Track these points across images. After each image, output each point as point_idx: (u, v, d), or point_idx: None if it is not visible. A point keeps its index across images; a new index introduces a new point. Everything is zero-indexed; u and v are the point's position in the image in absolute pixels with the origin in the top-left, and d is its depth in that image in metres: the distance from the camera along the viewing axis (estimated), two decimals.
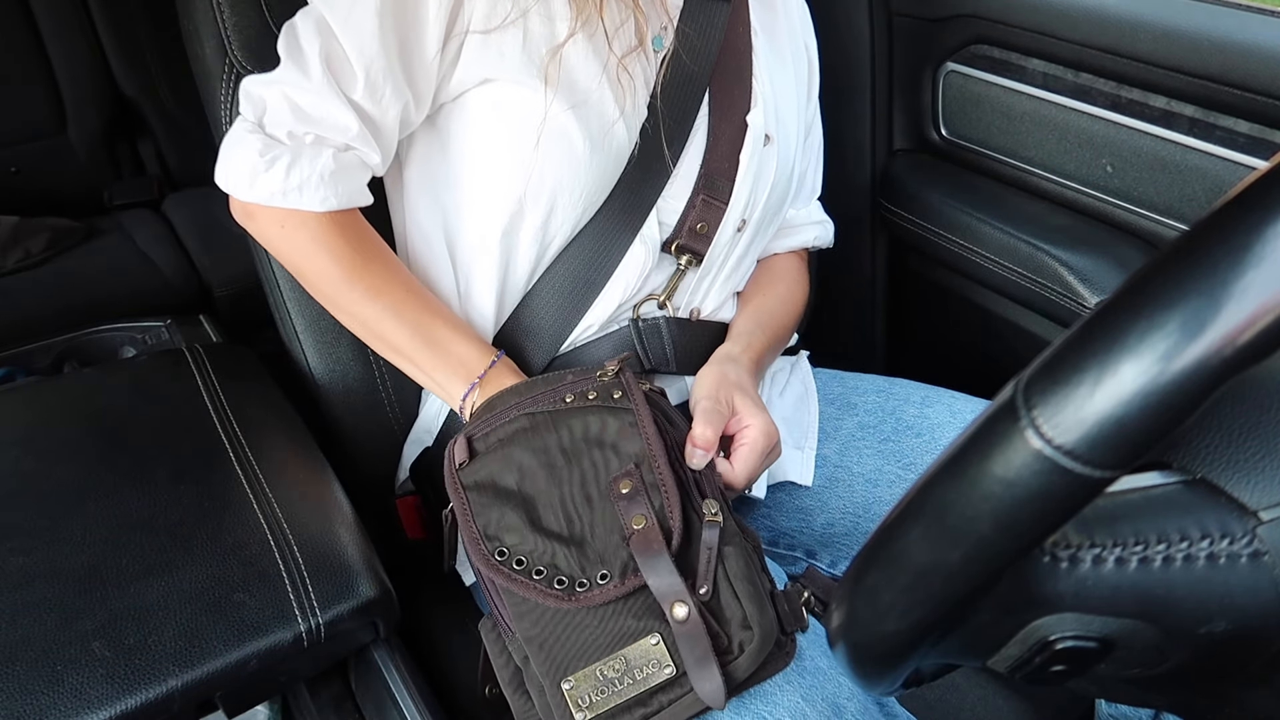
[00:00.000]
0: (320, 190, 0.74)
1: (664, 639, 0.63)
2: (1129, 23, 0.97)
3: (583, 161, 0.75)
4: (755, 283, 0.94)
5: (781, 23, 0.91)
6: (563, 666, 0.63)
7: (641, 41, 0.76)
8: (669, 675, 0.62)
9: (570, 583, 0.64)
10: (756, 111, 0.83)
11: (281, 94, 0.73)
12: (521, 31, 0.73)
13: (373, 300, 0.78)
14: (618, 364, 0.74)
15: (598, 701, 0.62)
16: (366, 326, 0.80)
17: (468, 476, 0.70)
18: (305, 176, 0.73)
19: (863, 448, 0.91)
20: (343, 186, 0.74)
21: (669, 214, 0.82)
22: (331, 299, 0.80)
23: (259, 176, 0.73)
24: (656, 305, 0.85)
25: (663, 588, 0.63)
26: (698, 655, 0.61)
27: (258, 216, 0.77)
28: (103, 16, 1.60)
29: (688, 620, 0.62)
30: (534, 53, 0.73)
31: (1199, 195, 0.96)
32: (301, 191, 0.73)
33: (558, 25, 0.73)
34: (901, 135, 1.28)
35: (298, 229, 0.76)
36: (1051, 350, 0.31)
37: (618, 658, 0.62)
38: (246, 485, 0.78)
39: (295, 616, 0.68)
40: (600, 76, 0.74)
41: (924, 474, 0.36)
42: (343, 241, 0.77)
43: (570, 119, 0.74)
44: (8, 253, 1.41)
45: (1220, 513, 0.37)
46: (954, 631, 0.39)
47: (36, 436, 0.84)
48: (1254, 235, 0.28)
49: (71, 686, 0.62)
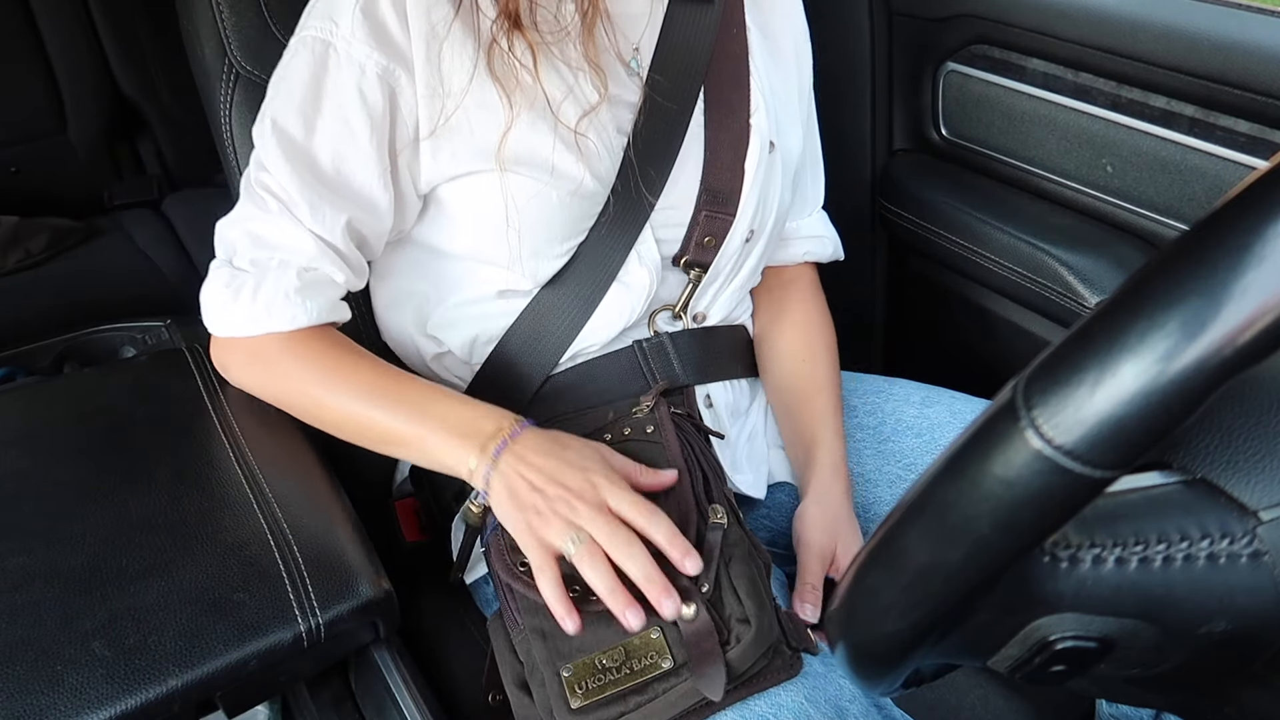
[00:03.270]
0: (288, 308, 0.73)
1: (664, 632, 0.64)
2: (1129, 23, 0.97)
3: (556, 214, 0.76)
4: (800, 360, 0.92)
5: (775, 19, 0.89)
6: (564, 655, 0.65)
7: (601, 96, 0.74)
8: (667, 667, 0.63)
9: (583, 593, 0.65)
10: (759, 116, 0.82)
11: (243, 230, 0.75)
12: (467, 127, 0.73)
13: (356, 396, 0.74)
14: (653, 398, 0.76)
15: (594, 689, 0.63)
16: (358, 425, 0.75)
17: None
18: (271, 297, 0.73)
19: (862, 448, 0.91)
20: (311, 302, 0.73)
21: (670, 231, 0.81)
22: (313, 412, 0.77)
23: (228, 308, 0.74)
24: (671, 315, 0.85)
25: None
26: (704, 649, 0.63)
27: (229, 355, 0.78)
28: (103, 16, 1.60)
29: (695, 618, 0.63)
30: (483, 144, 0.73)
31: (1199, 195, 0.96)
32: (270, 313, 0.73)
33: (499, 113, 0.73)
34: (901, 135, 1.28)
35: (271, 356, 0.75)
36: (1051, 350, 0.31)
37: (617, 649, 0.64)
38: (246, 485, 0.78)
39: (295, 616, 0.68)
40: (554, 144, 0.73)
41: (924, 474, 0.36)
42: (316, 351, 0.75)
43: (535, 187, 0.74)
44: (8, 253, 1.40)
45: (1220, 513, 0.37)
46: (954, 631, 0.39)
47: (36, 436, 0.84)
48: (1254, 235, 0.28)
49: (71, 686, 0.62)
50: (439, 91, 0.72)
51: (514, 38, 0.71)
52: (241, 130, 0.85)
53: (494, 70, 0.72)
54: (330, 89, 0.72)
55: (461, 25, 0.72)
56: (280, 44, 0.85)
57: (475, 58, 0.72)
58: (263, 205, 0.74)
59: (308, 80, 0.72)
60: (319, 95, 0.72)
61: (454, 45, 0.72)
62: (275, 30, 0.85)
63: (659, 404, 0.76)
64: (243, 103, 0.85)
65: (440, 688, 0.82)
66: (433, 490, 0.88)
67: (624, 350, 0.84)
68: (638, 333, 0.85)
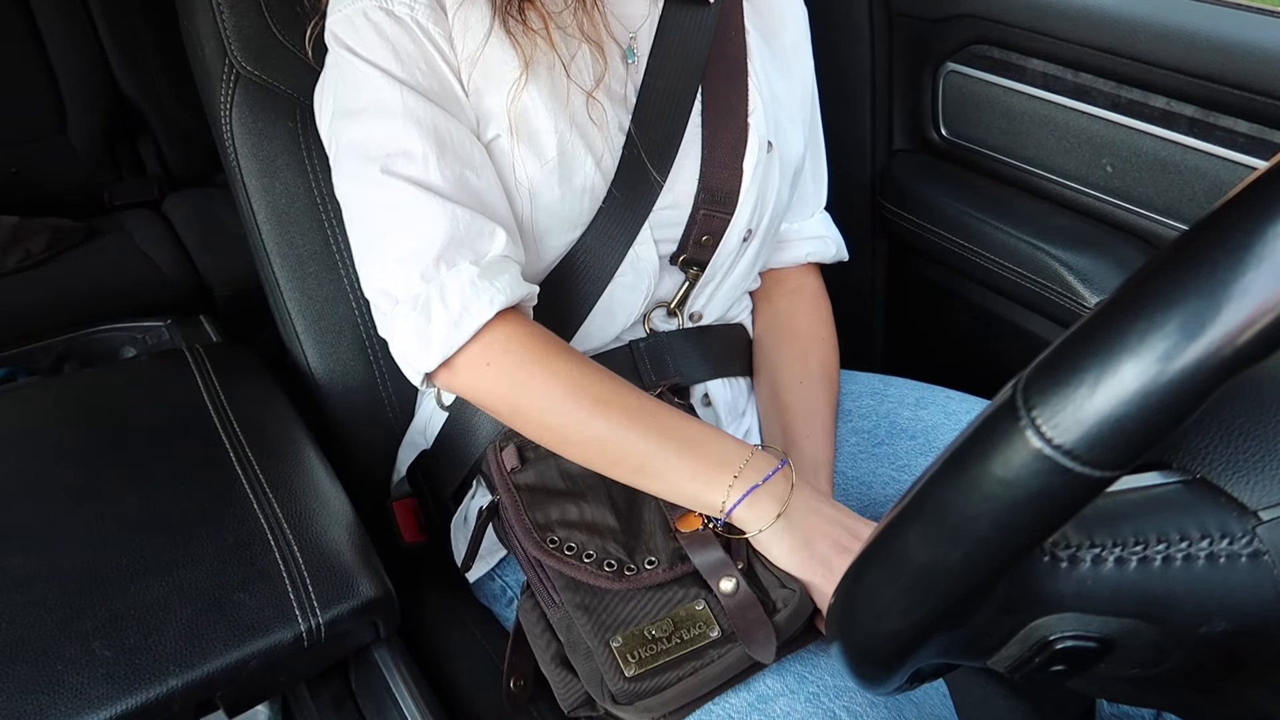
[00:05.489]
0: (478, 298, 0.68)
1: (708, 605, 0.66)
2: (1129, 23, 0.97)
3: (558, 207, 0.76)
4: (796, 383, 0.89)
5: (776, 23, 0.89)
6: (610, 628, 0.66)
7: (599, 81, 0.75)
8: (715, 636, 0.65)
9: (619, 566, 0.68)
10: (757, 116, 0.82)
11: (386, 260, 0.71)
12: (489, 88, 0.73)
13: (604, 414, 0.69)
14: (659, 388, 0.77)
15: (646, 657, 0.65)
16: (604, 450, 0.70)
17: (519, 479, 0.73)
18: (460, 294, 0.69)
19: (857, 453, 0.91)
20: (500, 281, 0.69)
21: (668, 230, 0.81)
22: (559, 428, 0.71)
23: (425, 331, 0.69)
24: (666, 313, 0.85)
25: (709, 565, 0.67)
26: (750, 619, 0.65)
27: (459, 372, 0.71)
28: (103, 17, 1.60)
29: (736, 591, 0.65)
30: (497, 107, 0.73)
31: (1199, 195, 0.96)
32: (467, 309, 0.69)
33: (515, 72, 0.73)
34: (901, 135, 1.28)
35: (501, 355, 0.70)
36: (1051, 350, 0.31)
37: (665, 620, 0.66)
38: (246, 485, 0.78)
39: (295, 616, 0.68)
40: (563, 128, 0.74)
41: (924, 474, 0.36)
42: (550, 352, 0.70)
43: (540, 175, 0.74)
44: (8, 253, 1.41)
45: (1220, 513, 0.37)
46: (954, 631, 0.39)
47: (36, 436, 0.84)
48: (1254, 235, 0.28)
49: (71, 686, 0.62)
50: (468, 55, 0.73)
51: (527, 10, 0.72)
52: (242, 130, 0.85)
53: (508, 28, 0.72)
54: (411, 48, 0.72)
55: None
56: (281, 44, 0.85)
57: (490, 20, 0.73)
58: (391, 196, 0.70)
59: (378, 43, 0.71)
60: (396, 56, 0.71)
61: (473, 9, 0.73)
62: (275, 30, 0.85)
63: (664, 394, 0.77)
64: (243, 103, 0.85)
65: (440, 688, 0.82)
66: (432, 490, 0.87)
67: (620, 350, 0.84)
68: (633, 332, 0.85)
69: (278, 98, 0.86)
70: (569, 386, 0.69)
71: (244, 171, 0.86)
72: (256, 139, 0.85)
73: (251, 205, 0.87)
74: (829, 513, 0.68)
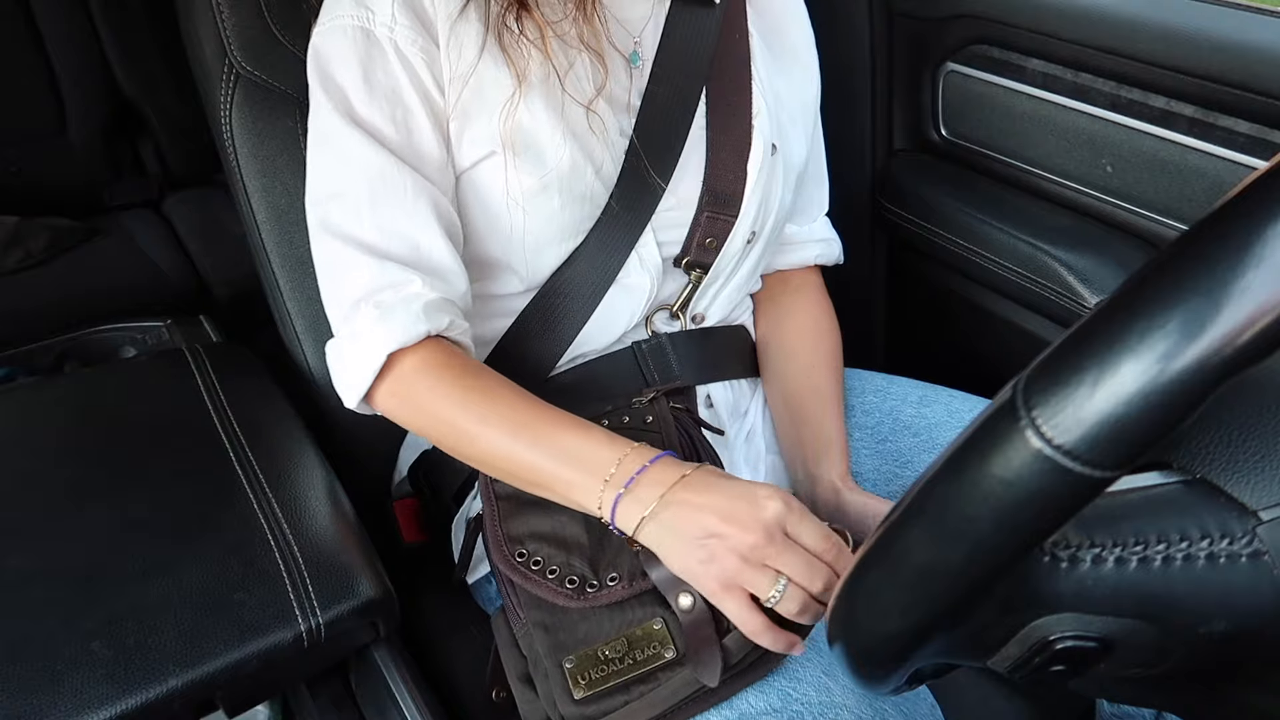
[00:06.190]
0: (373, 342, 0.70)
1: (666, 623, 0.65)
2: (1129, 23, 0.97)
3: (558, 215, 0.76)
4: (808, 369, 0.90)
5: (778, 25, 0.89)
6: (566, 647, 0.66)
7: (600, 90, 0.74)
8: (670, 657, 0.64)
9: (581, 583, 0.67)
10: (761, 119, 0.82)
11: (325, 303, 0.75)
12: (482, 107, 0.73)
13: (486, 433, 0.69)
14: (654, 392, 0.77)
15: (597, 679, 0.64)
16: (501, 467, 0.70)
17: (499, 488, 0.73)
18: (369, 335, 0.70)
19: (860, 448, 0.91)
20: (392, 322, 0.70)
21: (671, 232, 0.81)
22: (461, 449, 0.72)
23: (342, 376, 0.73)
24: (669, 315, 0.85)
25: (665, 580, 0.65)
26: (701, 636, 0.64)
27: (377, 404, 0.74)
28: (103, 17, 1.60)
29: (694, 608, 0.64)
30: (493, 127, 0.73)
31: (1199, 195, 0.96)
32: (372, 349, 0.70)
33: (509, 90, 0.72)
34: (901, 135, 1.28)
35: (408, 386, 0.72)
36: (1051, 350, 0.31)
37: (619, 639, 0.65)
38: (246, 485, 0.78)
39: (295, 616, 0.68)
40: (559, 137, 0.73)
41: (924, 473, 0.36)
42: (446, 377, 0.71)
43: (538, 185, 0.74)
44: (8, 253, 1.41)
45: (1220, 513, 0.37)
46: (954, 631, 0.39)
47: (36, 436, 0.84)
48: (1254, 235, 0.28)
49: (71, 686, 0.62)
50: (460, 74, 0.72)
51: (524, 20, 0.72)
52: (242, 130, 0.85)
53: (503, 44, 0.72)
54: (381, 76, 0.71)
55: (475, 6, 0.72)
56: (280, 44, 0.85)
57: (484, 37, 0.72)
58: (323, 247, 0.73)
59: (352, 64, 0.71)
60: (365, 82, 0.71)
61: (467, 25, 0.72)
62: (275, 30, 0.85)
63: (658, 398, 0.77)
64: (243, 103, 0.85)
65: (440, 688, 0.82)
66: (432, 490, 0.87)
67: (622, 351, 0.84)
68: (636, 334, 0.84)
69: (278, 98, 0.86)
70: (457, 408, 0.70)
71: (244, 171, 0.86)
72: (256, 139, 0.85)
73: (251, 205, 0.87)
74: (713, 499, 0.62)
